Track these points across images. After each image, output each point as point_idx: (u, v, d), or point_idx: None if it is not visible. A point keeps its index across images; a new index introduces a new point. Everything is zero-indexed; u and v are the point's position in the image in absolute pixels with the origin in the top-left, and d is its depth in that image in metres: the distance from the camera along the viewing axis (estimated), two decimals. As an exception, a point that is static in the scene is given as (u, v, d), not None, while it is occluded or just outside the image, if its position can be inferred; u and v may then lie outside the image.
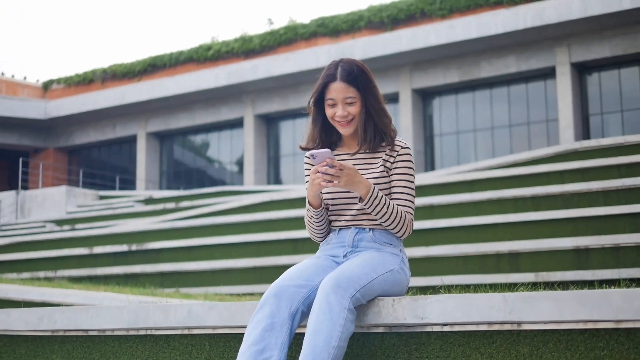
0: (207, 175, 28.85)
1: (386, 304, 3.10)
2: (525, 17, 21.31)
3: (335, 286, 3.03)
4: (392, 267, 3.29)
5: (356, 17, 24.98)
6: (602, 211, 9.12)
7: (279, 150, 27.05)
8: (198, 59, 27.59)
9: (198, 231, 12.51)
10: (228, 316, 3.44)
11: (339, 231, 3.50)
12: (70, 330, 3.93)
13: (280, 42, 26.10)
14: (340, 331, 2.95)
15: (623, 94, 22.18)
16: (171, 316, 3.58)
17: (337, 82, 3.46)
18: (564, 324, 2.72)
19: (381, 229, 3.42)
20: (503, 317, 2.81)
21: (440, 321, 2.96)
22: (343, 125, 3.49)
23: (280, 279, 3.24)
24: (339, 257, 3.44)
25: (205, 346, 3.54)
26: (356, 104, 3.46)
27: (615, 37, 21.42)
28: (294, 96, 25.64)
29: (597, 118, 22.50)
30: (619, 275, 8.07)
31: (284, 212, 11.97)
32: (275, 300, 3.13)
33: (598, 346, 2.68)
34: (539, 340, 2.79)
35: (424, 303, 2.98)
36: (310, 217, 3.48)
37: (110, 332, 3.81)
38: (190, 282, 11.04)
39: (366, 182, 3.29)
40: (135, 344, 3.75)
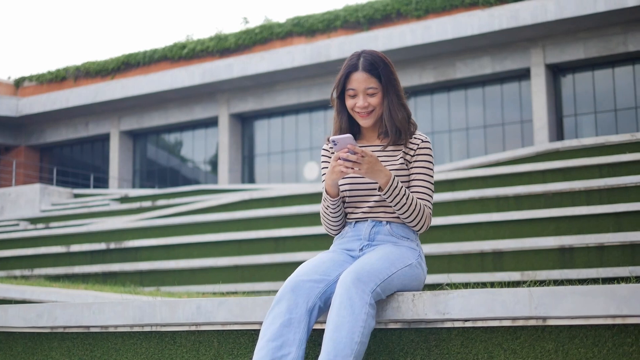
0: (181, 174, 28.68)
1: (406, 299, 3.04)
2: (501, 18, 21.39)
3: (356, 280, 2.97)
4: (410, 261, 3.23)
5: (332, 16, 24.94)
6: (585, 210, 9.15)
7: (254, 149, 26.94)
8: (172, 57, 27.40)
9: (177, 229, 12.39)
10: (239, 312, 3.36)
11: (354, 224, 3.43)
12: (71, 327, 3.83)
13: (256, 41, 26.00)
14: (363, 326, 2.89)
15: (597, 95, 22.34)
16: (179, 312, 3.50)
17: (359, 72, 3.42)
18: (591, 319, 2.68)
19: (398, 222, 3.36)
20: (529, 313, 2.75)
21: (462, 317, 2.90)
22: (363, 117, 3.44)
23: (296, 274, 3.16)
24: (355, 250, 3.37)
25: (214, 343, 3.46)
26: (377, 95, 3.41)
27: (590, 39, 21.58)
28: (269, 95, 25.55)
29: (571, 119, 22.65)
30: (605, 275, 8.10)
31: (265, 211, 11.89)
32: (292, 296, 3.05)
33: (627, 342, 2.63)
34: (564, 336, 2.74)
35: (446, 298, 2.92)
36: (327, 208, 3.40)
37: (113, 328, 3.72)
38: (169, 281, 10.93)
39: (387, 171, 3.23)
40: (139, 341, 3.66)
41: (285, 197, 12.46)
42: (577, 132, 22.34)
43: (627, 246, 8.46)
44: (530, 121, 22.55)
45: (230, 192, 16.56)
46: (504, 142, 23.03)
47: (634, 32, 21.01)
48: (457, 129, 23.67)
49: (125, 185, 28.39)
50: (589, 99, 22.42)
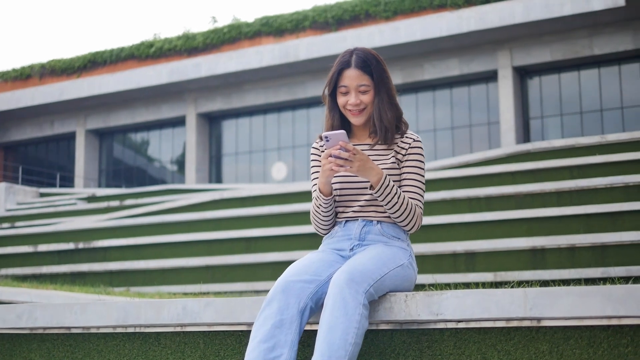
0: (148, 173, 28.47)
1: (398, 299, 3.01)
2: (469, 20, 21.50)
3: (349, 280, 2.93)
4: (402, 261, 3.20)
5: (301, 17, 24.91)
6: (557, 212, 9.21)
7: (221, 149, 26.83)
8: (139, 56, 27.19)
9: (146, 229, 12.29)
10: (226, 312, 3.31)
11: (345, 223, 3.38)
12: (51, 328, 3.75)
13: (224, 41, 25.88)
14: (357, 327, 2.85)
15: (563, 98, 22.54)
16: (164, 313, 3.44)
17: (351, 68, 3.38)
18: (586, 320, 2.66)
19: (389, 221, 3.33)
20: (524, 313, 2.74)
21: (456, 317, 2.88)
22: (355, 115, 3.40)
23: (286, 275, 3.11)
24: (345, 250, 3.33)
25: (200, 344, 3.41)
26: (369, 93, 3.38)
27: (556, 42, 21.77)
28: (237, 95, 25.46)
29: (537, 122, 22.82)
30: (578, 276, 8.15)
31: (235, 211, 11.83)
32: (283, 297, 3.00)
33: (622, 343, 2.62)
34: (559, 336, 2.72)
35: (440, 299, 2.89)
36: (319, 207, 3.35)
37: (95, 329, 3.65)
38: (139, 281, 10.84)
39: (378, 170, 3.20)
40: (122, 342, 3.59)
41: (256, 197, 12.41)
42: (543, 134, 22.52)
43: (597, 247, 8.52)
44: (497, 123, 22.69)
45: (199, 192, 16.47)
46: (471, 144, 23.15)
47: (600, 36, 21.23)
48: (424, 130, 23.75)
49: (92, 184, 28.14)
50: (555, 102, 22.61)
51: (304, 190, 12.08)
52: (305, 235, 10.49)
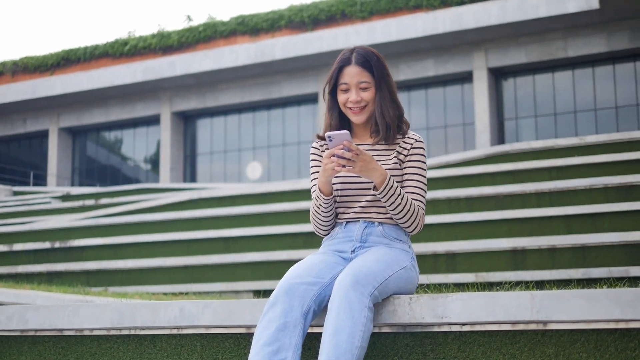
0: (122, 172, 28.28)
1: (402, 302, 2.97)
2: (444, 21, 21.58)
3: (354, 283, 2.89)
4: (405, 263, 3.17)
5: (277, 16, 24.85)
6: (537, 213, 9.24)
7: (196, 148, 26.71)
8: (114, 54, 26.99)
9: (124, 229, 12.18)
10: (225, 315, 3.26)
11: (345, 225, 3.34)
12: (43, 330, 3.69)
13: (199, 39, 25.76)
14: (363, 330, 2.81)
15: (537, 99, 22.67)
16: (160, 315, 3.38)
17: (351, 65, 3.34)
18: (593, 323, 2.65)
19: (391, 223, 3.29)
20: (530, 317, 2.72)
21: (461, 320, 2.85)
22: (355, 113, 3.36)
23: (289, 277, 3.06)
24: (347, 252, 3.28)
25: (197, 347, 3.35)
26: (370, 90, 3.34)
27: (531, 44, 21.90)
28: (212, 94, 25.36)
29: (512, 122, 22.95)
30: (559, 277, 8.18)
31: (213, 210, 11.76)
32: (287, 299, 2.95)
33: (629, 347, 2.61)
34: (565, 340, 2.71)
35: (445, 301, 2.86)
36: (319, 207, 3.30)
37: (88, 332, 3.59)
38: (117, 281, 10.74)
39: (382, 170, 3.15)
40: (116, 345, 3.53)
41: (234, 197, 12.34)
42: (517, 136, 22.65)
43: (578, 248, 8.56)
44: (472, 124, 22.78)
45: (175, 191, 16.37)
46: (446, 145, 23.23)
47: (574, 38, 21.38)
48: (400, 131, 23.77)
49: (65, 183, 27.90)
50: (530, 103, 22.74)
51: (283, 190, 12.04)
52: (285, 235, 10.45)
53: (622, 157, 10.08)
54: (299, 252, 10.01)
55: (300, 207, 11.00)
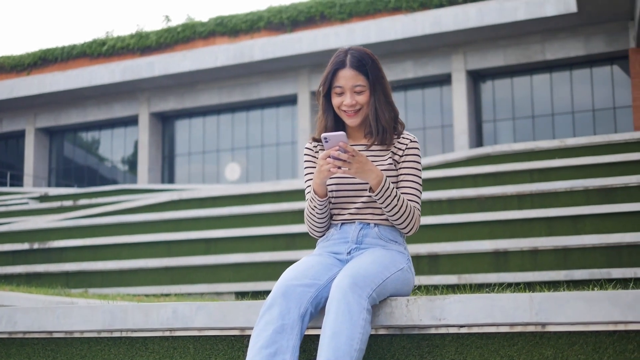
0: (99, 173, 28.11)
1: (399, 304, 2.96)
2: (424, 23, 21.63)
3: (352, 285, 2.87)
4: (401, 265, 3.16)
5: (255, 17, 24.81)
6: (518, 215, 9.27)
7: (174, 149, 26.60)
8: (92, 54, 26.82)
9: (104, 230, 12.10)
10: (219, 317, 3.23)
11: (340, 226, 3.31)
12: (32, 332, 3.64)
13: (178, 40, 25.67)
14: (361, 333, 2.79)
15: (515, 102, 22.78)
16: (153, 317, 3.34)
17: (346, 68, 3.31)
18: (591, 325, 2.65)
19: (386, 224, 3.27)
20: (529, 318, 2.71)
21: (459, 322, 2.85)
22: (350, 116, 3.33)
23: (286, 279, 3.04)
24: (342, 254, 3.26)
25: (190, 349, 3.32)
26: (365, 93, 3.32)
27: (509, 47, 22.00)
28: (190, 95, 25.27)
29: (490, 125, 23.04)
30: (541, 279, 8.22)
31: (194, 212, 11.71)
32: (284, 301, 2.93)
33: (628, 349, 2.61)
34: (564, 342, 2.70)
35: (442, 303, 2.85)
36: (314, 209, 3.27)
37: (78, 334, 3.55)
38: (97, 283, 10.67)
39: (378, 172, 3.13)
40: (107, 347, 3.49)
41: (216, 198, 12.30)
42: (495, 138, 22.75)
43: (559, 250, 8.60)
44: (451, 126, 22.85)
45: (154, 192, 16.29)
46: (424, 146, 23.29)
47: (552, 41, 21.51)
48: (378, 133, 23.80)
49: (42, 183, 27.70)
50: (508, 105, 22.85)
51: (264, 192, 12.01)
52: (267, 236, 10.43)
53: (602, 159, 10.14)
54: (281, 254, 10.00)
55: (281, 208, 10.99)
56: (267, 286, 9.63)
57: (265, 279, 9.90)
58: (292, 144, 24.73)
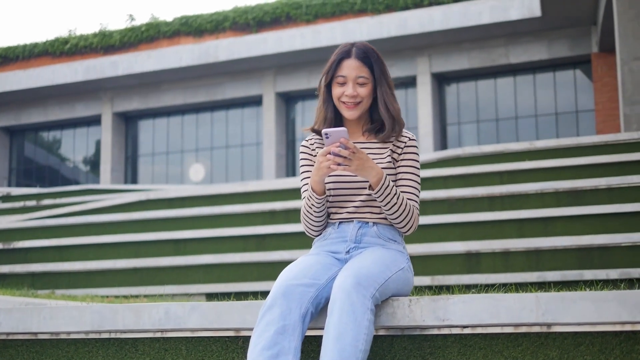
0: (61, 173, 27.73)
1: (402, 304, 2.91)
2: (389, 26, 21.65)
3: (356, 285, 2.81)
4: (402, 265, 3.12)
5: (221, 17, 24.66)
6: (489, 216, 9.31)
7: (138, 149, 26.34)
8: (54, 52, 26.45)
9: (70, 230, 11.92)
10: (213, 317, 3.16)
11: (338, 225, 3.25)
12: (16, 334, 3.54)
13: (142, 39, 25.41)
14: (366, 333, 2.74)
15: (479, 105, 22.90)
16: (145, 317, 3.27)
17: (351, 59, 3.29)
18: (598, 325, 2.63)
19: (385, 223, 3.22)
20: (535, 319, 2.69)
21: (463, 323, 2.81)
22: (349, 108, 3.28)
23: (285, 278, 2.97)
24: (341, 253, 3.20)
25: (182, 350, 3.25)
26: (367, 86, 3.28)
27: (474, 50, 22.11)
28: (154, 95, 25.04)
29: (454, 127, 23.13)
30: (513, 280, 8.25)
31: (163, 212, 11.59)
32: (284, 301, 2.86)
33: (635, 349, 2.59)
34: (569, 342, 2.68)
35: (446, 303, 2.82)
36: (311, 207, 3.21)
37: (65, 335, 3.46)
38: (64, 284, 10.52)
39: (378, 169, 3.09)
40: (95, 349, 3.41)
41: (184, 199, 12.18)
42: (460, 140, 22.84)
43: (531, 252, 8.65)
44: (416, 128, 22.88)
45: (120, 192, 16.10)
46: (389, 148, 23.28)
47: (515, 45, 21.66)
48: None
49: (3, 183, 27.28)
50: (472, 108, 22.96)
51: (233, 192, 11.92)
52: (237, 237, 10.36)
53: (571, 162, 10.22)
54: (252, 255, 9.94)
55: (251, 209, 10.92)
56: (239, 287, 9.57)
57: (236, 280, 9.84)
58: (257, 145, 24.62)
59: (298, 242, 9.94)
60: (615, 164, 9.88)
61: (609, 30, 18.12)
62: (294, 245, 9.99)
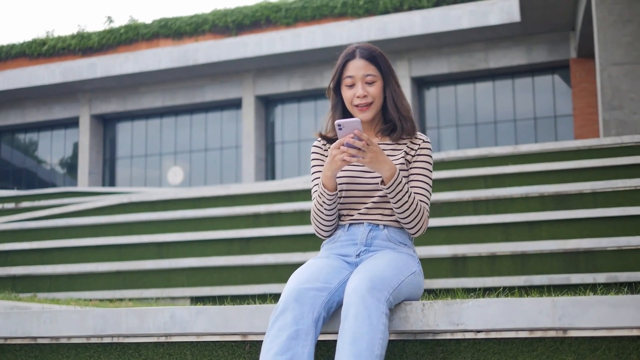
0: (38, 176, 27.49)
1: (414, 308, 2.88)
2: (369, 30, 21.67)
3: (370, 288, 2.77)
4: (414, 268, 3.08)
5: (200, 20, 24.57)
6: (475, 220, 9.30)
7: (116, 152, 26.17)
8: (31, 54, 26.24)
9: (51, 233, 11.78)
10: (220, 322, 3.11)
11: (348, 227, 3.21)
12: (14, 338, 3.47)
13: (121, 42, 25.27)
14: (382, 338, 2.70)
15: (458, 109, 22.98)
16: (149, 321, 3.21)
17: (356, 59, 3.27)
18: (615, 330, 2.61)
19: (395, 226, 3.18)
20: (552, 323, 2.66)
21: (477, 327, 2.78)
22: (362, 110, 3.25)
23: (297, 282, 2.92)
24: (351, 256, 3.16)
25: (187, 355, 3.19)
26: (376, 85, 3.25)
27: (453, 55, 22.18)
28: (133, 97, 24.90)
29: (433, 131, 23.18)
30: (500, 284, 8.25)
31: (146, 215, 11.49)
32: (297, 306, 2.81)
33: (652, 354, 2.59)
34: (585, 347, 2.66)
35: (460, 307, 2.78)
36: (322, 204, 3.15)
37: (65, 339, 3.39)
38: (45, 287, 10.40)
39: (391, 164, 3.05)
40: (96, 354, 3.34)
41: (167, 201, 12.08)
42: (439, 144, 22.89)
43: (517, 256, 8.65)
44: (396, 132, 22.93)
45: (100, 195, 15.95)
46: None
47: (494, 50, 21.76)
48: (323, 138, 23.78)
49: (-21, 185, 27.07)
50: (451, 113, 23.02)
51: (217, 195, 11.84)
52: (221, 240, 10.29)
53: (556, 166, 10.23)
54: (236, 258, 9.87)
55: (235, 212, 10.86)
56: (223, 291, 9.50)
57: (221, 283, 9.77)
58: (236, 148, 24.54)
59: (282, 246, 9.91)
60: (599, 168, 9.91)
61: (588, 36, 18.25)
62: (278, 248, 9.94)
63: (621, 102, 14.53)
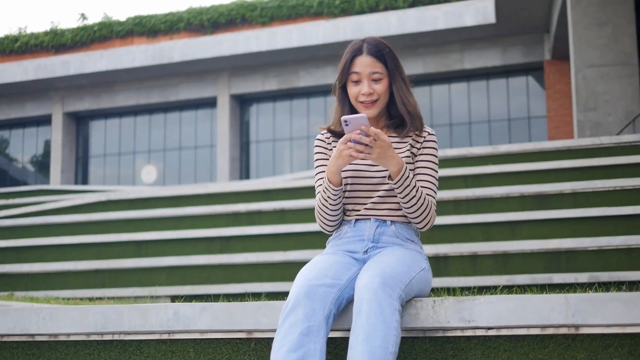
0: (9, 174, 27.19)
1: (425, 305, 2.86)
2: (346, 29, 21.66)
3: (383, 285, 2.74)
4: (423, 265, 3.05)
5: (175, 18, 24.44)
6: (456, 220, 9.32)
7: (89, 150, 25.95)
8: (3, 50, 25.96)
9: (28, 231, 11.65)
10: (225, 318, 3.07)
11: (355, 223, 3.18)
12: (12, 335, 3.41)
13: (94, 39, 25.07)
14: (395, 335, 2.67)
15: (434, 110, 23.05)
16: (152, 318, 3.16)
17: (363, 55, 3.23)
18: (628, 327, 2.61)
19: (402, 222, 3.15)
20: (564, 320, 2.65)
21: (489, 324, 2.76)
22: (367, 107, 3.22)
23: (307, 279, 2.88)
24: (359, 252, 3.12)
25: (190, 353, 3.15)
26: (383, 82, 3.22)
27: (429, 55, 22.25)
28: (106, 95, 24.71)
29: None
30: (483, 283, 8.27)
31: (124, 213, 11.39)
32: (308, 302, 2.77)
33: (665, 350, 2.59)
34: (597, 345, 2.65)
35: (472, 304, 2.77)
36: (327, 199, 3.11)
37: (64, 337, 3.34)
38: (23, 286, 10.28)
39: (399, 159, 3.01)
40: (96, 351, 3.29)
41: (146, 200, 11.99)
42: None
43: (499, 255, 8.68)
44: (371, 132, 22.95)
45: (74, 193, 15.82)
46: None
47: (470, 51, 21.85)
48: (297, 137, 23.77)
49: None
50: (427, 113, 23.06)
51: (196, 193, 11.77)
52: (201, 239, 10.24)
53: (536, 166, 10.28)
54: (216, 257, 9.83)
55: (215, 211, 10.80)
56: (203, 290, 9.46)
57: (201, 282, 9.72)
58: (210, 147, 24.44)
59: (263, 245, 9.88)
60: (579, 169, 9.97)
61: (562, 38, 18.38)
62: (258, 247, 9.91)
63: (596, 104, 14.64)
